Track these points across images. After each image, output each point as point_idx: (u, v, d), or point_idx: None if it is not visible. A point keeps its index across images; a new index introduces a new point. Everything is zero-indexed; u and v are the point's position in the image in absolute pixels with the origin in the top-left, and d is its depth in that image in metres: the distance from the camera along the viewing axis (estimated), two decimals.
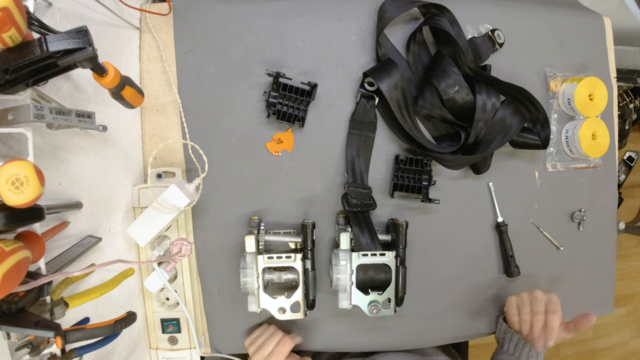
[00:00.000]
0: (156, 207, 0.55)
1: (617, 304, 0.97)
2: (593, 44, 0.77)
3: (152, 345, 0.68)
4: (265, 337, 0.65)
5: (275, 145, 0.67)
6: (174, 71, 0.66)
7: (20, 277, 0.32)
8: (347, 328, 0.72)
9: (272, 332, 0.65)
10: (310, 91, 0.63)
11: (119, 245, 0.60)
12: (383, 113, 0.69)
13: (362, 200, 0.66)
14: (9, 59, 0.31)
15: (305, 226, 0.61)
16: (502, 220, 0.73)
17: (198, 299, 0.69)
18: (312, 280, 0.61)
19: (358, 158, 0.68)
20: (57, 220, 0.47)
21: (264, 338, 0.64)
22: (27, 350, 0.37)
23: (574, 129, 0.73)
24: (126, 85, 0.41)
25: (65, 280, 0.45)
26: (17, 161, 0.30)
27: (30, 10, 0.34)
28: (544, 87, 0.74)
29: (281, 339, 0.63)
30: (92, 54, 0.33)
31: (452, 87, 0.63)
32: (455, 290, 0.74)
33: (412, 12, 0.68)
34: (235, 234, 0.68)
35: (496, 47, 0.70)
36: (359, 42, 0.68)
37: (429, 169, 0.67)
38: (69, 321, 0.44)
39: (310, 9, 0.67)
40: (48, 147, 0.45)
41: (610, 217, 0.80)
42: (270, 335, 0.64)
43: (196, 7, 0.66)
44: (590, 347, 1.89)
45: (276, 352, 0.61)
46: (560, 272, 0.78)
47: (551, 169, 0.75)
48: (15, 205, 0.30)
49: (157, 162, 0.67)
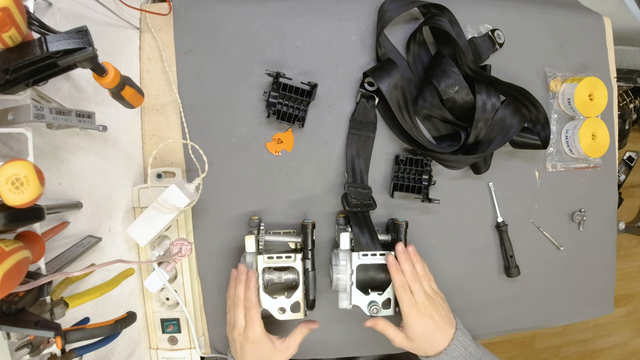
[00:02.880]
0: (156, 207, 0.55)
1: (617, 304, 0.97)
2: (593, 44, 0.77)
3: (152, 345, 0.68)
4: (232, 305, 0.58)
5: (275, 145, 0.67)
6: (174, 71, 0.66)
7: (20, 277, 0.32)
8: (347, 328, 0.72)
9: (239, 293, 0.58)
10: (310, 91, 0.63)
11: (119, 245, 0.60)
12: (383, 113, 0.69)
13: (362, 200, 0.66)
14: (9, 59, 0.31)
15: (305, 226, 0.61)
16: (502, 220, 0.73)
17: (198, 299, 0.69)
18: (312, 280, 0.61)
19: (358, 158, 0.68)
20: (57, 220, 0.47)
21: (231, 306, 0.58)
22: (27, 350, 0.37)
23: (574, 129, 0.73)
24: (126, 85, 0.41)
25: (65, 280, 0.45)
26: (17, 161, 0.30)
27: (30, 10, 0.34)
28: (544, 87, 0.74)
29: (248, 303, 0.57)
30: (92, 54, 0.33)
31: (452, 87, 0.63)
32: (455, 290, 0.74)
33: (412, 12, 0.68)
34: (235, 234, 0.68)
35: (496, 47, 0.70)
36: (359, 42, 0.68)
37: (429, 169, 0.67)
38: (69, 321, 0.44)
39: (310, 9, 0.67)
40: (48, 147, 0.45)
41: (610, 217, 0.80)
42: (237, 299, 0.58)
43: (196, 7, 0.66)
44: (590, 347, 1.89)
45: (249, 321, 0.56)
46: (560, 272, 0.78)
47: (551, 169, 0.75)
48: (15, 205, 0.30)
49: (157, 162, 0.67)
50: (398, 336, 0.58)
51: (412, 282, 0.57)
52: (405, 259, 0.59)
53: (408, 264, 0.59)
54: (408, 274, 0.58)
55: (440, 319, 0.57)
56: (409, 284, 0.57)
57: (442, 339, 0.56)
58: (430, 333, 0.56)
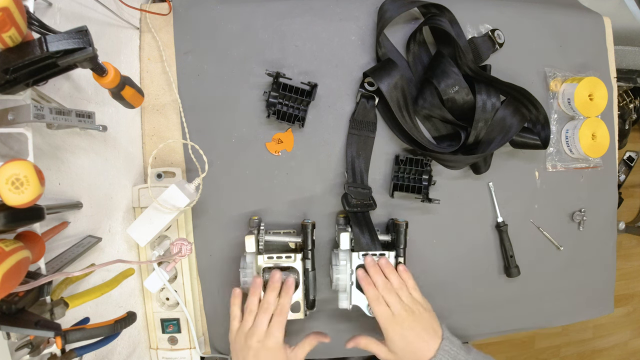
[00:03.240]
0: (156, 207, 0.55)
1: (617, 304, 0.97)
2: (593, 44, 0.77)
3: (152, 345, 0.68)
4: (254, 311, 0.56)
5: (275, 145, 0.67)
6: (174, 71, 0.66)
7: (20, 277, 0.32)
8: (347, 328, 0.72)
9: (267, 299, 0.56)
10: (310, 91, 0.63)
11: (119, 245, 0.60)
12: (383, 113, 0.69)
13: (362, 200, 0.66)
14: (9, 59, 0.31)
15: (305, 226, 0.61)
16: (502, 220, 0.73)
17: (198, 299, 0.69)
18: (312, 280, 0.61)
19: (358, 158, 0.68)
20: (57, 220, 0.47)
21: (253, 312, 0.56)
22: (27, 350, 0.37)
23: (574, 129, 0.73)
24: (126, 85, 0.41)
25: (65, 280, 0.45)
26: (17, 161, 0.30)
27: (30, 10, 0.34)
28: (544, 87, 0.74)
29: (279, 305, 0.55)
30: (92, 54, 0.33)
31: (452, 87, 0.63)
32: (455, 290, 0.74)
33: (412, 12, 0.68)
34: (235, 234, 0.68)
35: (496, 47, 0.70)
36: (359, 42, 0.68)
37: (429, 169, 0.67)
38: (69, 321, 0.44)
39: (310, 9, 0.67)
40: (48, 147, 0.45)
41: (610, 217, 0.80)
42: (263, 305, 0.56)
43: (196, 7, 0.66)
44: (590, 347, 1.89)
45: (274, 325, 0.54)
46: (560, 272, 0.78)
47: (551, 169, 0.75)
48: (15, 205, 0.30)
49: (157, 162, 0.67)
50: (381, 350, 0.56)
51: (386, 294, 0.56)
52: (375, 272, 0.57)
53: (379, 276, 0.57)
54: (380, 286, 0.56)
55: (422, 329, 0.55)
56: (384, 297, 0.56)
57: (427, 350, 0.54)
58: (412, 345, 0.54)
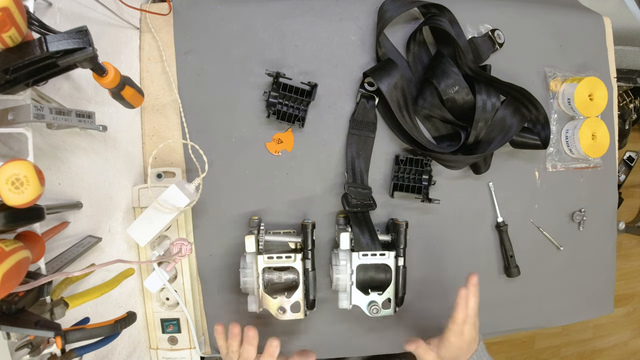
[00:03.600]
0: (156, 207, 0.55)
1: (617, 304, 0.97)
2: (593, 44, 0.77)
3: (152, 345, 0.68)
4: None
5: (275, 145, 0.67)
6: (174, 71, 0.66)
7: (20, 277, 0.32)
8: (347, 328, 0.72)
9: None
10: (310, 91, 0.63)
11: (119, 245, 0.60)
12: (383, 113, 0.69)
13: (362, 200, 0.66)
14: (9, 59, 0.31)
15: (305, 226, 0.61)
16: (502, 220, 0.73)
17: (198, 299, 0.69)
18: (312, 280, 0.61)
19: (358, 158, 0.68)
20: (57, 220, 0.47)
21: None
22: (27, 350, 0.37)
23: (574, 129, 0.73)
24: (126, 85, 0.41)
25: (65, 280, 0.45)
26: (17, 161, 0.30)
27: (30, 10, 0.34)
28: (544, 87, 0.74)
29: None
30: (92, 54, 0.33)
31: (452, 87, 0.63)
32: (455, 290, 0.74)
33: (412, 12, 0.68)
34: (235, 234, 0.68)
35: (496, 47, 0.70)
36: (359, 42, 0.68)
37: (429, 169, 0.67)
38: (69, 321, 0.44)
39: (310, 9, 0.67)
40: (48, 147, 0.45)
41: (610, 217, 0.80)
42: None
43: (196, 7, 0.66)
44: (590, 347, 1.88)
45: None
46: (560, 272, 0.78)
47: (551, 169, 0.75)
48: (15, 205, 0.30)
49: (157, 162, 0.67)
50: (430, 356, 0.57)
51: (472, 317, 0.56)
52: (473, 294, 0.57)
53: (474, 300, 0.56)
54: (472, 311, 0.56)
55: (472, 341, 0.57)
56: (468, 322, 0.56)
57: (466, 354, 0.57)
58: (461, 352, 0.57)
